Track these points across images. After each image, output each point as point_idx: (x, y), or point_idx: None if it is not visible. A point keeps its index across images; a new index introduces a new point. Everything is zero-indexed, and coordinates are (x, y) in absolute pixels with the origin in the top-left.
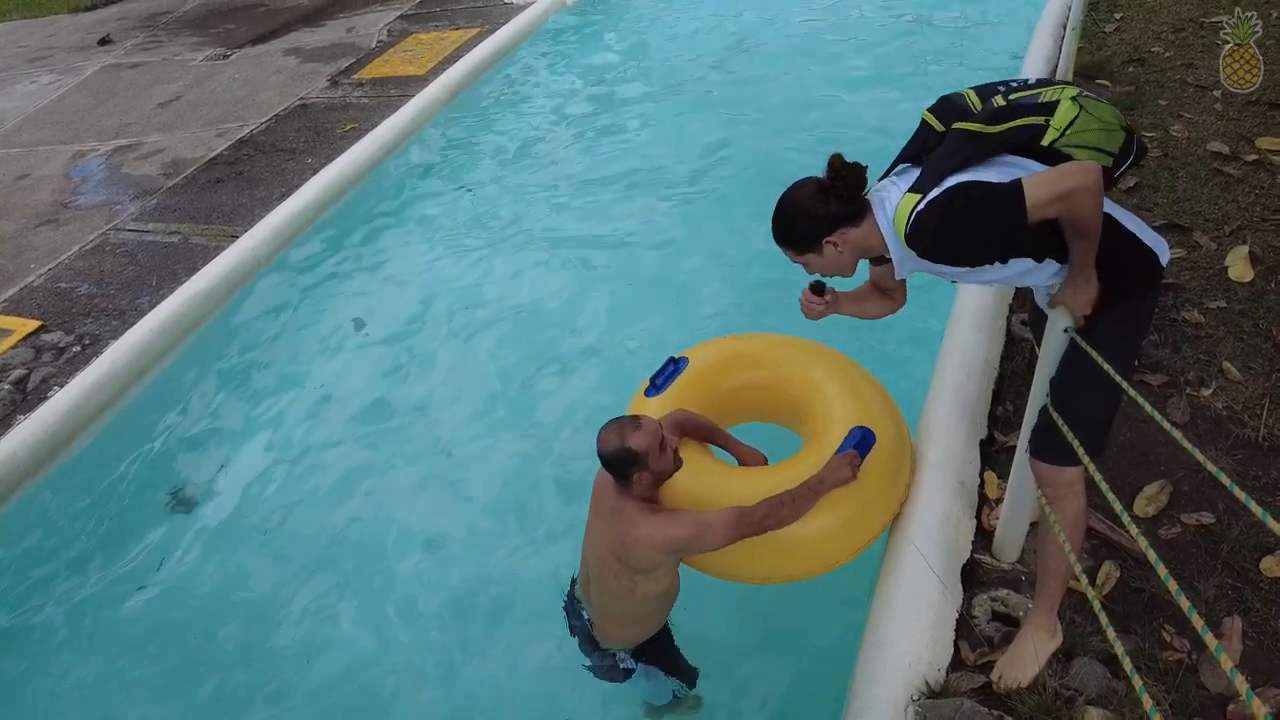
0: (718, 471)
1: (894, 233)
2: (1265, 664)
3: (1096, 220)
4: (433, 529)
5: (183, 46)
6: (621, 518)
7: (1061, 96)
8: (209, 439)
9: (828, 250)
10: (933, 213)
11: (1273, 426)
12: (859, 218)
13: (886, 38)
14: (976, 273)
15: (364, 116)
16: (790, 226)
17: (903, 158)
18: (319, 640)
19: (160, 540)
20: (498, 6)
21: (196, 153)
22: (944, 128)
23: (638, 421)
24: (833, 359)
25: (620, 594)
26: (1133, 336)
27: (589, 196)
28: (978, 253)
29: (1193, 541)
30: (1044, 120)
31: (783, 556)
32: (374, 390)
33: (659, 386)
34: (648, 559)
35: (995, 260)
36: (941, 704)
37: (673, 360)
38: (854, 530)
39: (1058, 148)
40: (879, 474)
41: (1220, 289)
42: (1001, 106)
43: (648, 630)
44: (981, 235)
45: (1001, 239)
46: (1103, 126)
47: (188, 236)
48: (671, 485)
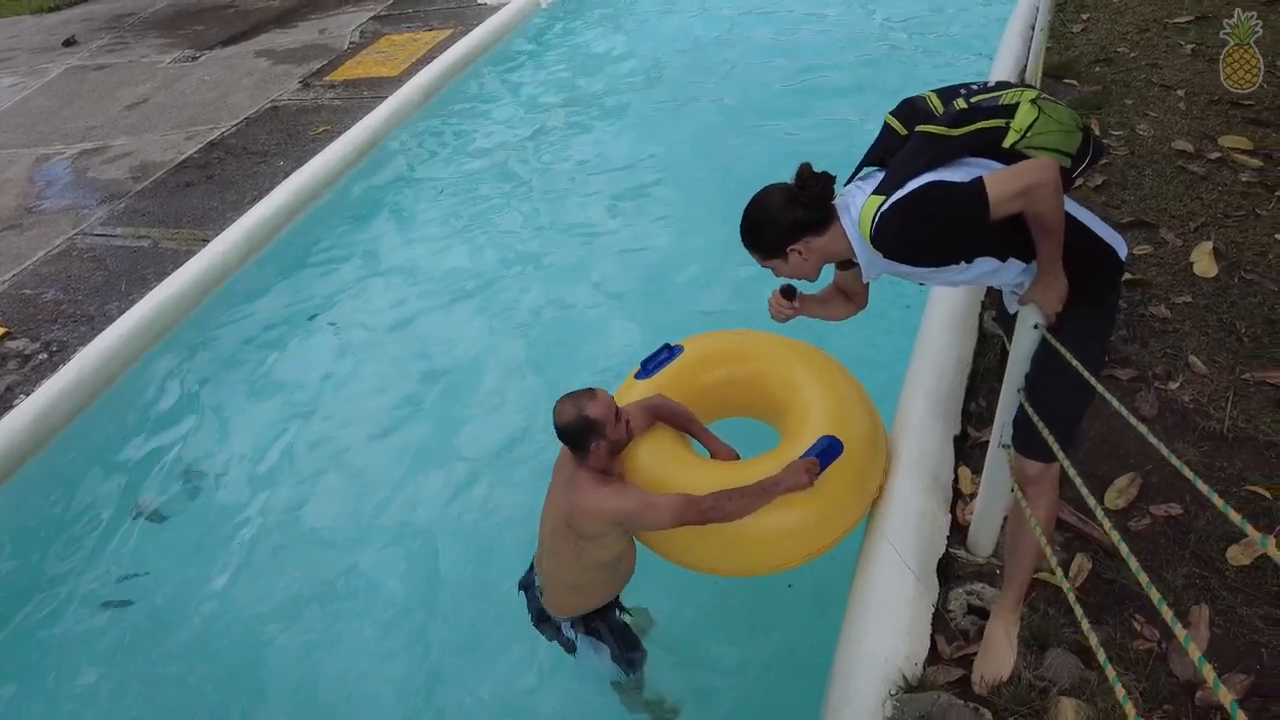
0: (684, 459)
1: (860, 236)
2: (1231, 650)
3: (1059, 216)
4: (410, 535)
5: (150, 48)
6: (574, 486)
7: (1021, 99)
8: (179, 447)
9: (792, 257)
10: (896, 214)
11: (1236, 418)
12: (824, 225)
13: (861, 36)
14: (942, 273)
15: (337, 119)
16: (757, 232)
17: (867, 161)
18: (291, 651)
19: (128, 550)
20: (471, 7)
21: (166, 156)
22: (907, 131)
23: (592, 392)
24: (818, 361)
25: (568, 560)
26: (1101, 332)
27: (564, 195)
28: (942, 252)
29: (1161, 532)
30: (1004, 123)
31: (732, 550)
32: (348, 395)
33: (648, 370)
34: (593, 526)
35: (960, 260)
36: (919, 698)
37: (667, 347)
38: (804, 537)
39: (1019, 149)
40: (839, 486)
41: (1186, 284)
42: (963, 109)
43: (591, 601)
44: (945, 234)
45: (965, 237)
46: (1061, 128)
47: (157, 241)
48: (636, 465)
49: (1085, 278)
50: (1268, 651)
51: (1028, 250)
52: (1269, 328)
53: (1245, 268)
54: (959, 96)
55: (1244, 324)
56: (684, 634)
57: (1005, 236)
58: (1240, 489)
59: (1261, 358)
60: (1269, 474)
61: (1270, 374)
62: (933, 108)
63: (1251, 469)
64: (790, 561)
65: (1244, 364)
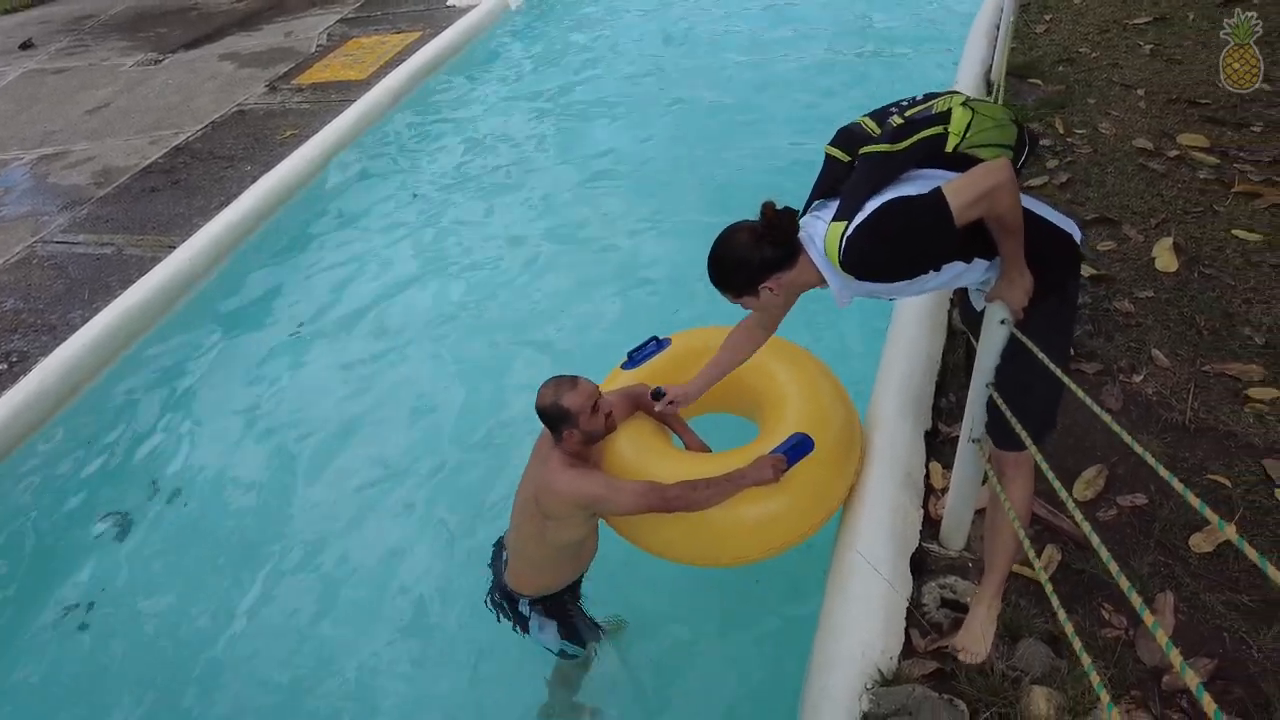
0: (659, 449)
1: (829, 264)
2: (1195, 635)
3: (1018, 214)
4: (379, 547)
5: (111, 51)
6: (545, 465)
7: (952, 104)
8: (145, 458)
9: (764, 293)
10: (862, 235)
11: (1197, 409)
12: (793, 259)
13: (828, 39)
14: (914, 284)
15: (304, 122)
16: (726, 274)
17: (816, 194)
18: (259, 663)
19: (92, 565)
20: (440, 10)
21: (129, 161)
22: (849, 158)
23: (575, 382)
24: (798, 359)
25: (532, 536)
26: (1065, 322)
27: (537, 196)
28: (912, 265)
29: (1128, 522)
30: (943, 129)
31: (694, 539)
32: (318, 403)
33: (635, 361)
34: (557, 507)
35: (929, 269)
36: (895, 691)
37: (655, 339)
38: (767, 532)
39: (962, 151)
40: (806, 485)
41: (1148, 279)
42: (900, 125)
43: (552, 581)
44: (913, 248)
45: (933, 248)
46: (996, 124)
47: (121, 248)
48: (613, 451)
49: (1047, 266)
50: (1230, 635)
51: (989, 248)
52: (1226, 321)
53: (1204, 263)
54: (892, 114)
55: (1203, 318)
56: (661, 629)
57: (968, 239)
58: (1202, 478)
59: (1220, 350)
60: (1228, 463)
61: (1228, 366)
62: (869, 130)
63: (1212, 458)
64: (750, 555)
65: (1204, 356)
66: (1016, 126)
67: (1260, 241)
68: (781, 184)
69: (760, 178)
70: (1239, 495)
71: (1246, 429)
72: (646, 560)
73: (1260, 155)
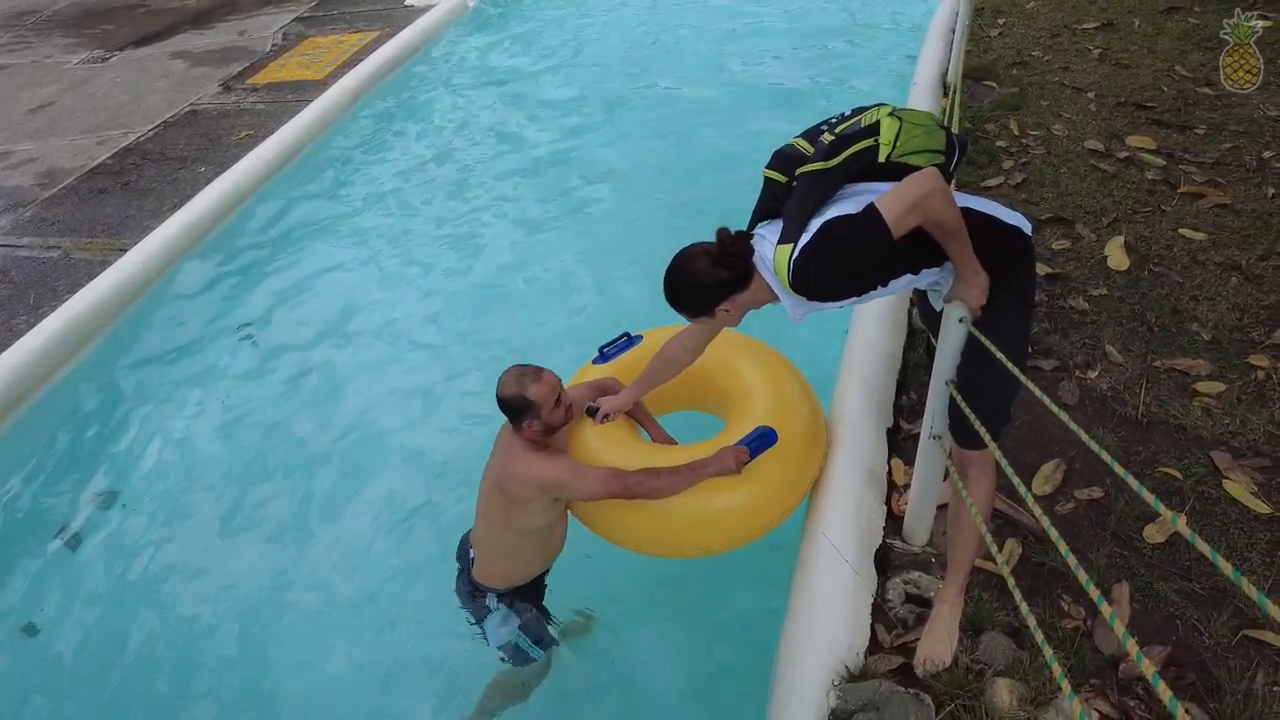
0: (624, 440)
1: (781, 285)
2: (1150, 624)
3: (956, 217)
4: (341, 554)
5: (55, 48)
6: (507, 451)
7: (880, 115)
8: (97, 467)
9: (719, 314)
10: (808, 258)
11: (1149, 404)
12: (747, 281)
13: (792, 39)
14: (865, 299)
15: (260, 123)
16: (683, 296)
17: (757, 217)
18: (215, 674)
19: (45, 577)
20: (397, 9)
21: (75, 162)
22: (787, 179)
23: (539, 373)
24: (765, 356)
25: (497, 521)
26: (1022, 319)
27: (498, 197)
28: (859, 282)
29: (1084, 515)
30: (873, 141)
31: (656, 528)
32: (274, 409)
33: (606, 356)
34: (521, 491)
35: (877, 285)
36: (861, 686)
37: (627, 335)
38: (728, 523)
39: (895, 161)
40: (769, 478)
41: (1101, 277)
42: (831, 141)
43: (520, 570)
44: (857, 265)
45: (876, 264)
46: (925, 130)
47: (69, 251)
48: (579, 442)
49: (999, 262)
50: (1182, 623)
51: (935, 255)
52: (1175, 317)
53: (1153, 261)
54: (823, 132)
55: (1154, 314)
56: (628, 626)
57: (911, 251)
58: (1154, 471)
59: (1169, 346)
60: (1179, 455)
61: (1178, 361)
62: (803, 150)
63: (1164, 451)
64: (712, 546)
65: (1154, 352)
66: (944, 131)
67: (1205, 240)
68: (746, 181)
69: (724, 174)
70: (1189, 487)
71: (1195, 422)
72: (611, 557)
73: (1204, 157)
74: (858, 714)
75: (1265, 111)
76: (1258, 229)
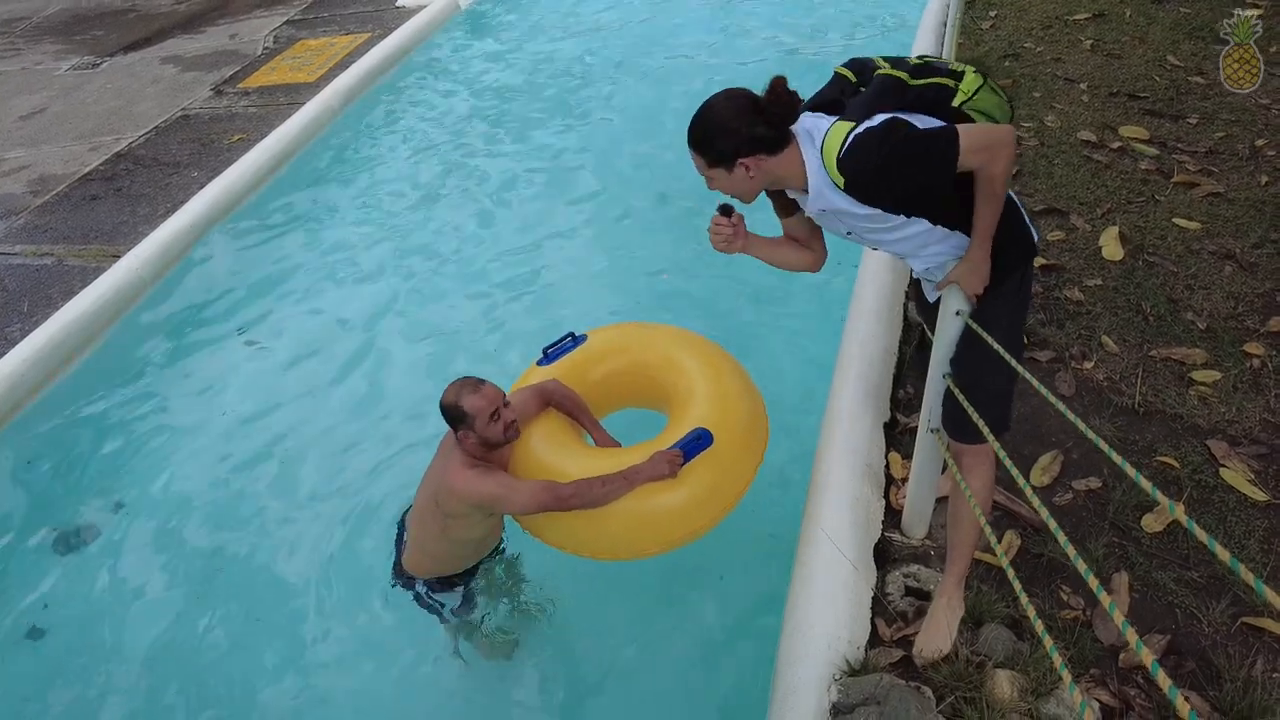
0: (565, 444)
1: (820, 163)
2: (1149, 613)
3: (1005, 182)
4: (338, 556)
5: (44, 55)
6: (445, 464)
7: (968, 70)
8: (92, 474)
9: (738, 171)
10: (869, 138)
11: (1146, 393)
12: (780, 146)
13: (783, 33)
14: (880, 226)
15: (252, 127)
16: (710, 136)
17: (813, 106)
18: (215, 679)
19: (46, 583)
20: (388, 11)
21: (68, 169)
22: (857, 80)
23: (478, 386)
24: (709, 353)
25: (433, 534)
26: (1019, 311)
27: (488, 197)
28: (900, 187)
29: (1083, 506)
30: (954, 84)
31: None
32: (272, 414)
33: (550, 357)
34: (455, 506)
35: (908, 209)
36: (863, 680)
37: (571, 335)
38: (664, 525)
39: (964, 110)
40: (704, 480)
41: (1096, 268)
42: (919, 64)
43: (448, 569)
44: (908, 169)
45: (926, 177)
46: (999, 102)
47: (62, 258)
48: (521, 445)
49: (1010, 248)
50: (1181, 611)
51: (958, 218)
52: (1171, 307)
53: (1148, 251)
54: (911, 60)
55: (1149, 304)
56: (625, 627)
57: (946, 200)
58: (1152, 460)
59: (1165, 335)
60: (1176, 444)
61: (1174, 350)
62: (882, 64)
63: (1160, 440)
64: (648, 549)
65: (1150, 342)
66: (1010, 114)
67: (1199, 229)
68: None
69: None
70: (1186, 475)
71: (1191, 411)
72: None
73: (1196, 146)
74: (859, 708)
75: (1257, 100)
76: (1251, 217)
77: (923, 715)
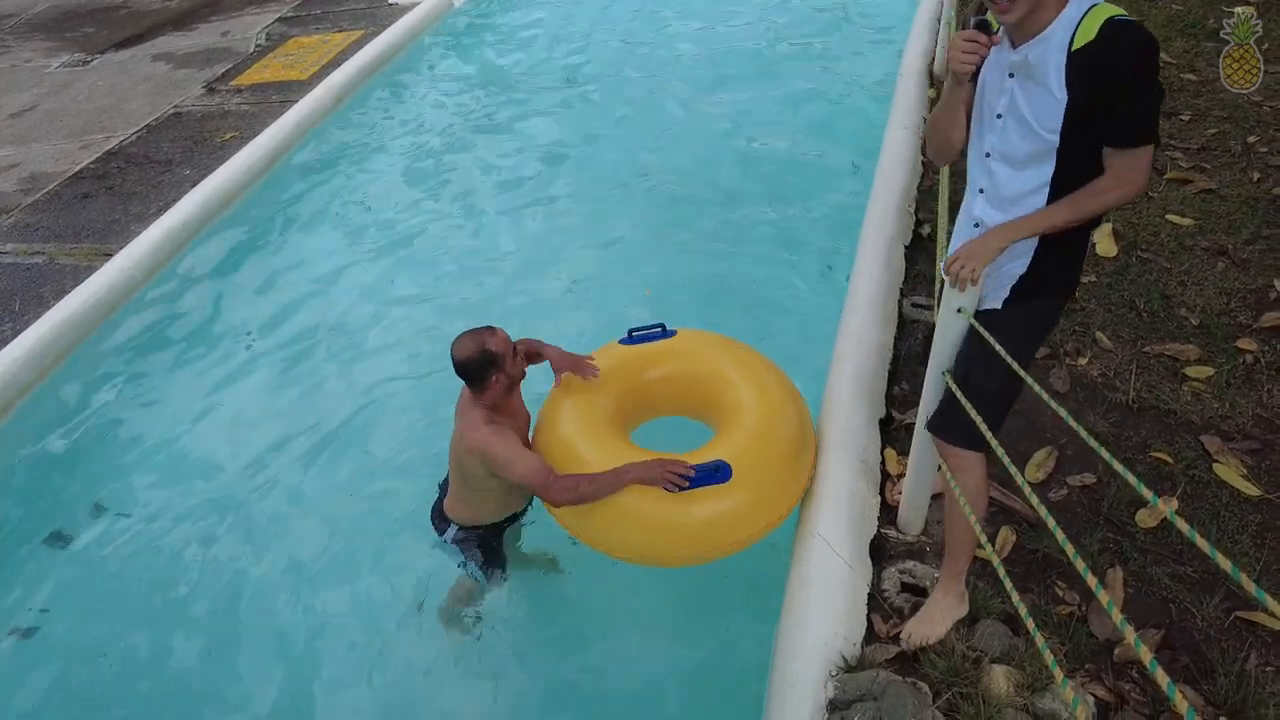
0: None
1: (1079, 17)
2: (1143, 608)
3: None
4: (331, 556)
5: (34, 52)
6: (464, 418)
7: None
8: (86, 474)
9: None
10: (1146, 34)
11: (1140, 389)
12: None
13: (777, 30)
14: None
15: (245, 125)
16: None
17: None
18: (208, 683)
19: (37, 581)
20: (382, 8)
21: (59, 167)
22: None
23: (492, 329)
24: (759, 369)
25: (458, 480)
26: (1034, 334)
27: (485, 196)
28: (1121, 88)
29: (1078, 501)
30: None
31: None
32: (266, 413)
33: (633, 340)
34: (468, 460)
35: (1089, 121)
36: (859, 677)
37: (662, 327)
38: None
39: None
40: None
41: (1090, 264)
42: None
43: (478, 516)
44: (1145, 82)
45: (1134, 105)
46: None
47: (54, 257)
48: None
49: (1061, 272)
50: (1175, 606)
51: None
52: (1164, 303)
53: (1141, 247)
54: None
55: (1142, 300)
56: (626, 621)
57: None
58: (1146, 456)
59: (1158, 331)
60: (1169, 440)
61: (1167, 346)
62: None
63: (1154, 436)
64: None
65: (1144, 338)
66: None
67: (1192, 226)
68: (737, 181)
69: (716, 175)
70: (1180, 471)
71: (1185, 407)
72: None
73: (1189, 143)
74: (855, 704)
75: (1249, 97)
76: (1243, 214)
77: (919, 711)
